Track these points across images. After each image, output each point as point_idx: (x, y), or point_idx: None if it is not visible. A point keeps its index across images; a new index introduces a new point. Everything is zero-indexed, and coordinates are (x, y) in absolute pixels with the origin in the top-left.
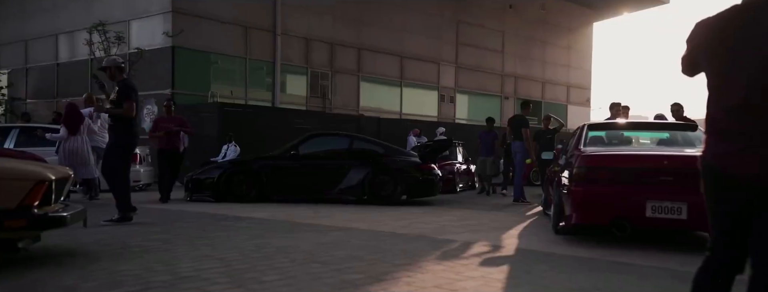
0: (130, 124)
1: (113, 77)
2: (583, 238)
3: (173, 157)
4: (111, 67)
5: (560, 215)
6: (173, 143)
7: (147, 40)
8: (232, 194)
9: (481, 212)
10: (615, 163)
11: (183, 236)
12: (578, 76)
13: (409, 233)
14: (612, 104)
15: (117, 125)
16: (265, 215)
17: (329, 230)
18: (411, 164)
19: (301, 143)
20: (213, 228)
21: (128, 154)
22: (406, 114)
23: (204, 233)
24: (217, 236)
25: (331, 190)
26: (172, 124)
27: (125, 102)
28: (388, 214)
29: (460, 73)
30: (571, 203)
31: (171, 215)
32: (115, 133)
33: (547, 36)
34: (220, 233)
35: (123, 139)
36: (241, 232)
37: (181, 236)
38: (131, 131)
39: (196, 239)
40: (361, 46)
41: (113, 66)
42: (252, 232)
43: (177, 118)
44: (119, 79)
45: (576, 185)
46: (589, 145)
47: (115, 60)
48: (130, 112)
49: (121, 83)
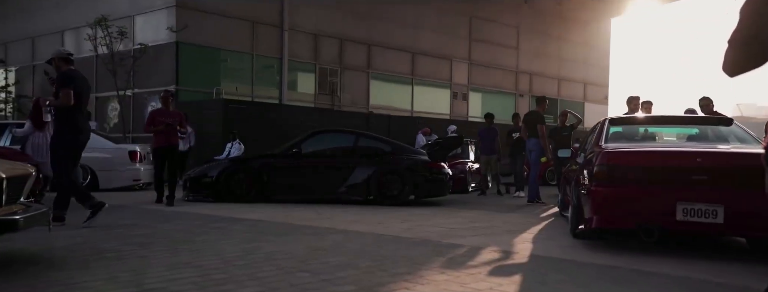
0: (72, 117)
1: (58, 68)
2: (604, 243)
3: (171, 154)
4: (56, 58)
5: (579, 218)
6: (172, 140)
7: (151, 36)
8: (231, 193)
9: (493, 214)
10: (641, 160)
11: (166, 239)
12: (596, 73)
13: (413, 237)
14: (629, 98)
15: (57, 118)
16: (262, 216)
17: (328, 232)
18: (419, 163)
19: (304, 141)
20: (202, 231)
21: (71, 149)
22: (418, 112)
23: (191, 236)
24: (203, 239)
25: (335, 189)
26: (170, 118)
27: (61, 90)
28: (393, 215)
29: (473, 70)
30: (592, 204)
31: (161, 217)
32: (57, 127)
33: (564, 32)
34: (208, 236)
35: (64, 133)
36: (231, 235)
37: (164, 240)
38: (73, 125)
39: (180, 244)
40: (371, 42)
41: (58, 57)
42: (243, 235)
43: (176, 113)
44: (63, 70)
45: (597, 184)
46: (611, 141)
47: (61, 51)
48: (66, 101)
49: (60, 73)
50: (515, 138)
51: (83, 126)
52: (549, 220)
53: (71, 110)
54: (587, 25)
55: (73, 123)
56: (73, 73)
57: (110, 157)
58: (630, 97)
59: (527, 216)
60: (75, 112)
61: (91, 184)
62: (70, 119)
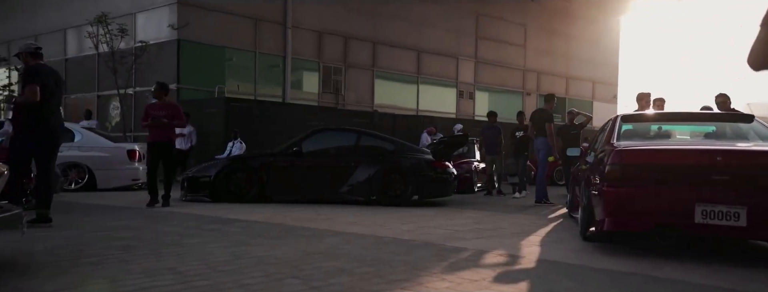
0: (39, 115)
1: (26, 63)
2: (617, 247)
3: (166, 151)
4: (23, 52)
5: (590, 220)
6: (166, 135)
7: (153, 34)
8: (230, 193)
9: (499, 215)
10: (657, 159)
11: (153, 242)
12: (605, 72)
13: (414, 240)
14: (640, 95)
15: (24, 115)
16: (259, 217)
17: (325, 235)
18: (423, 162)
19: (305, 139)
20: (193, 233)
21: (32, 150)
22: (423, 111)
23: (180, 239)
24: (192, 243)
25: (337, 190)
26: (164, 112)
27: (27, 86)
28: (395, 216)
29: (479, 69)
30: (604, 206)
31: (153, 218)
32: (20, 126)
33: (572, 29)
34: (198, 239)
35: (29, 132)
36: (223, 237)
37: (150, 243)
38: (40, 124)
39: (166, 247)
40: (376, 39)
41: (25, 51)
42: (236, 238)
43: (170, 105)
44: (31, 65)
45: (609, 185)
46: (623, 138)
47: (30, 45)
48: (32, 97)
49: (26, 67)
50: (519, 137)
51: (53, 125)
52: (557, 221)
53: (39, 107)
54: (596, 23)
55: (41, 122)
56: (41, 68)
57: (108, 156)
58: (641, 94)
59: (535, 217)
60: (43, 109)
61: (89, 184)
62: (37, 118)
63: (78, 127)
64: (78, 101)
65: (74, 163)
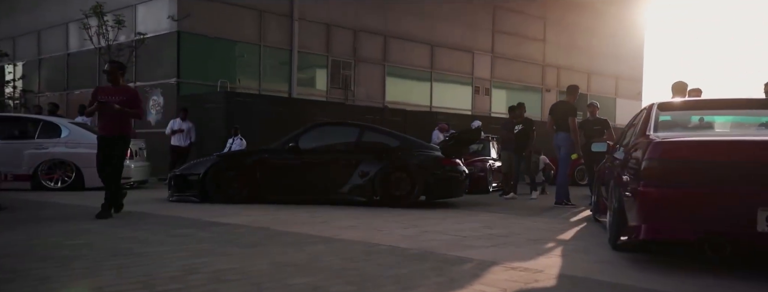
0: None
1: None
2: (655, 259)
3: (116, 149)
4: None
5: (621, 226)
6: (118, 127)
7: (153, 26)
8: (221, 193)
9: (514, 218)
10: (708, 153)
11: (102, 251)
12: (629, 67)
13: (413, 248)
14: (676, 85)
15: None
16: (243, 220)
17: (310, 241)
18: (431, 159)
19: (303, 134)
20: (156, 239)
21: None
22: (437, 107)
23: (136, 247)
24: (148, 252)
25: (337, 189)
26: (117, 97)
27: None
28: (398, 218)
29: (496, 64)
30: (641, 209)
31: (121, 221)
32: None
33: (594, 23)
34: (158, 247)
35: None
36: (188, 245)
37: (99, 252)
38: None
39: (112, 258)
40: (388, 33)
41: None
42: (203, 245)
43: (126, 90)
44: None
45: (647, 184)
46: (662, 129)
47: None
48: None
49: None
50: (517, 132)
51: None
52: (581, 226)
53: None
54: (620, 17)
55: None
56: None
57: None
58: (677, 84)
59: (555, 221)
60: None
61: (77, 182)
62: None
63: (65, 123)
64: (80, 97)
65: (60, 160)
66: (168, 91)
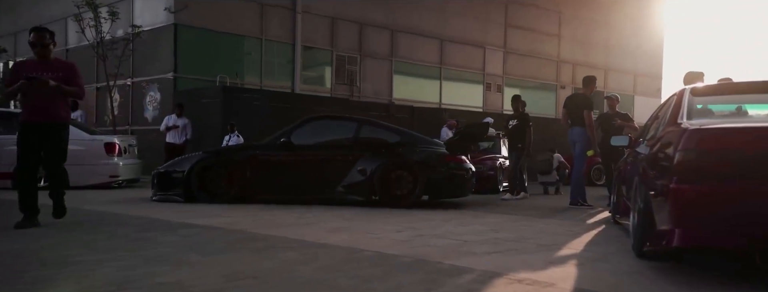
0: None
1: None
2: (688, 269)
3: (51, 138)
4: None
5: (648, 230)
6: (51, 112)
7: (150, 19)
8: (207, 192)
9: (524, 220)
10: (754, 142)
11: (30, 261)
12: (647, 64)
13: (403, 255)
14: (690, 75)
15: None
16: (220, 222)
17: (285, 247)
18: (435, 156)
19: (296, 129)
20: (105, 246)
21: None
22: (447, 104)
23: (81, 253)
24: (87, 260)
25: (332, 188)
26: (50, 73)
27: None
28: (395, 220)
29: (509, 60)
30: (673, 211)
31: (79, 221)
32: None
33: (611, 17)
34: (101, 255)
35: None
36: (143, 251)
37: (24, 262)
38: None
39: (41, 268)
40: (395, 27)
41: None
42: (159, 251)
43: (60, 65)
44: None
45: (681, 180)
46: (697, 117)
47: None
48: None
49: None
50: (511, 127)
51: None
52: (599, 229)
53: None
54: (638, 11)
55: None
56: None
57: (83, 149)
58: (691, 74)
59: (570, 224)
60: None
61: None
62: None
63: None
64: None
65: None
66: (165, 86)
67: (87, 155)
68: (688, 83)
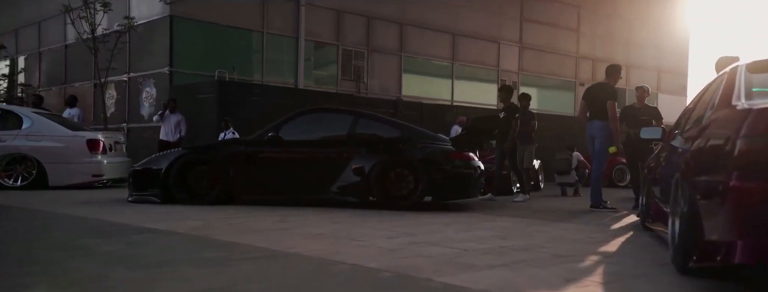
0: None
1: None
2: (744, 286)
3: None
4: None
5: (693, 240)
6: None
7: (146, 11)
8: (186, 192)
9: (537, 224)
10: None
11: None
12: (672, 60)
13: (385, 269)
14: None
15: None
16: (187, 226)
17: (244, 258)
18: (439, 153)
19: (285, 123)
20: (37, 256)
21: None
22: (459, 102)
23: None
24: None
25: (325, 188)
26: None
27: None
28: (389, 224)
29: (525, 55)
30: (732, 217)
31: (25, 226)
32: None
33: (633, 11)
34: (15, 268)
35: None
36: (69, 262)
37: None
38: None
39: None
40: (405, 21)
41: None
42: (90, 264)
43: None
44: None
45: (742, 176)
46: (758, 98)
47: None
48: None
49: None
50: (501, 119)
51: None
52: (626, 236)
53: None
54: (662, 5)
55: None
56: None
57: (64, 146)
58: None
59: (590, 229)
60: None
61: (39, 180)
62: None
63: (27, 112)
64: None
65: (21, 155)
66: (160, 81)
67: (68, 152)
68: (720, 70)
